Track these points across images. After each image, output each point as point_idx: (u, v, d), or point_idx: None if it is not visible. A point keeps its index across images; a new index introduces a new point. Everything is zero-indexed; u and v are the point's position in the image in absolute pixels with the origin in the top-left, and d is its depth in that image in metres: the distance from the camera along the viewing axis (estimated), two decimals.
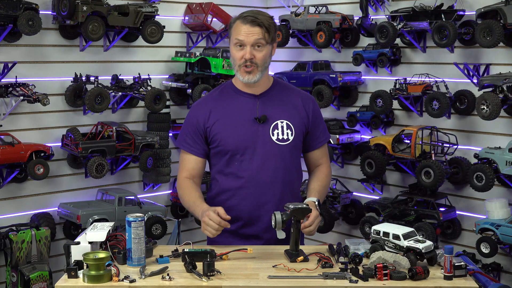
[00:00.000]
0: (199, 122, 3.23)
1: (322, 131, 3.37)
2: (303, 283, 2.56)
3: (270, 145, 3.17)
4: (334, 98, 5.98)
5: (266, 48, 3.14)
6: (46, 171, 4.99)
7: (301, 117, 3.25)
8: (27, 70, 5.09)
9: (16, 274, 4.79)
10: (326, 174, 3.41)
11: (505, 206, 4.85)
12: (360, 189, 6.11)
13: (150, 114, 5.79)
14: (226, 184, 3.22)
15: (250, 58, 3.10)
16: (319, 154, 3.39)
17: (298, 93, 3.35)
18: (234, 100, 3.23)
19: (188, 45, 6.11)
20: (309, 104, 3.31)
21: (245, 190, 3.17)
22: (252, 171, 3.16)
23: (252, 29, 3.09)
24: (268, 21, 3.13)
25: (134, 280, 2.53)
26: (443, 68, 5.39)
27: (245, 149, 3.16)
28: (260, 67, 3.14)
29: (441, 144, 5.25)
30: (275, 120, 3.19)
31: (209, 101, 3.28)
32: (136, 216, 2.73)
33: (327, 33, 5.78)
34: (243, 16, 3.13)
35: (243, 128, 3.17)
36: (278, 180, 3.18)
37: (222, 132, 3.18)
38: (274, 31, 3.17)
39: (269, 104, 3.22)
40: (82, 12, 4.99)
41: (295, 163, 3.27)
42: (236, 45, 3.12)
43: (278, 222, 2.81)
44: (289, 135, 3.20)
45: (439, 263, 2.69)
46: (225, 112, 3.21)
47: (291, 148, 3.21)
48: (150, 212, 5.43)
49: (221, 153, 3.21)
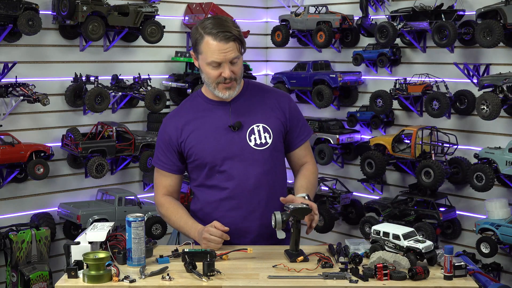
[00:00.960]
0: (171, 139, 3.10)
1: (302, 128, 3.21)
2: (303, 283, 2.55)
3: (248, 151, 3.04)
4: (334, 98, 5.98)
5: (241, 59, 3.00)
6: (46, 171, 4.99)
7: (278, 117, 3.11)
8: (27, 70, 5.09)
9: (16, 274, 4.79)
10: (311, 171, 3.25)
11: (505, 206, 4.86)
12: (360, 189, 6.11)
13: (150, 114, 5.80)
14: (209, 196, 3.11)
15: (230, 76, 2.95)
16: (301, 152, 3.24)
17: (272, 92, 3.21)
18: (206, 110, 3.09)
19: (188, 45, 6.10)
20: (284, 103, 3.16)
21: (229, 200, 3.06)
22: (235, 181, 3.03)
23: (227, 46, 2.91)
24: (237, 30, 2.95)
25: (134, 280, 2.53)
26: (443, 68, 5.39)
27: (224, 160, 3.03)
28: (238, 79, 3.02)
29: (441, 144, 5.25)
30: (251, 125, 3.06)
31: (180, 115, 3.14)
32: (136, 216, 2.73)
33: (327, 33, 5.78)
34: (213, 33, 2.90)
35: (218, 138, 3.03)
36: (262, 186, 3.05)
37: (197, 145, 3.06)
38: (243, 36, 3.00)
39: (242, 109, 3.08)
40: (82, 12, 4.99)
41: (277, 166, 3.14)
42: (210, 64, 2.95)
43: (278, 222, 2.81)
44: (267, 138, 3.07)
45: (439, 263, 2.69)
46: (198, 124, 3.07)
47: (271, 151, 3.08)
48: (150, 212, 5.43)
49: (199, 167, 3.09)
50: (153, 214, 5.44)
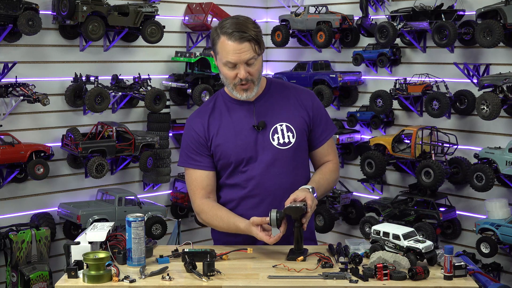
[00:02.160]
0: (199, 135, 3.06)
1: (325, 126, 3.16)
2: (303, 283, 2.55)
3: (271, 151, 3.02)
4: (334, 98, 5.98)
5: (259, 59, 2.96)
6: (46, 171, 4.99)
7: (301, 116, 3.09)
8: (27, 70, 5.09)
9: (16, 274, 4.79)
10: (330, 169, 3.18)
11: (505, 206, 4.86)
12: (360, 189, 6.11)
13: (150, 114, 5.80)
14: (230, 194, 3.09)
15: (246, 77, 2.92)
16: (324, 151, 3.19)
17: (295, 90, 3.16)
18: (229, 110, 3.07)
19: (188, 45, 6.11)
20: (307, 100, 3.13)
21: (250, 199, 3.06)
22: (256, 180, 3.02)
23: (242, 46, 2.87)
24: (255, 30, 2.90)
25: (134, 280, 2.53)
26: (443, 68, 5.39)
27: (248, 159, 3.03)
28: (256, 81, 2.98)
29: (441, 144, 5.25)
30: (274, 124, 3.04)
31: (204, 114, 3.10)
32: (136, 216, 2.73)
33: (327, 33, 5.78)
34: (228, 33, 2.87)
35: (242, 138, 3.02)
36: (284, 186, 3.03)
37: (222, 145, 3.04)
38: (261, 36, 2.96)
39: (265, 109, 3.06)
40: (82, 12, 4.99)
41: (300, 166, 3.11)
42: (226, 65, 2.92)
43: (272, 220, 2.81)
44: (290, 138, 3.05)
45: (439, 263, 2.69)
46: (223, 124, 3.05)
47: (294, 151, 3.06)
48: (150, 212, 5.43)
49: (223, 166, 3.08)
50: (153, 214, 5.44)
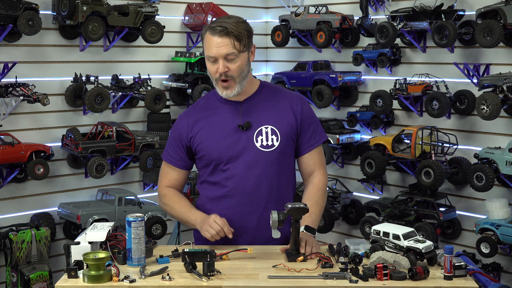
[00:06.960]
0: (181, 134, 3.12)
1: (313, 133, 3.13)
2: (303, 283, 2.55)
3: (254, 152, 3.01)
4: (334, 98, 5.98)
5: (241, 57, 2.96)
6: (46, 171, 4.99)
7: (289, 121, 3.06)
8: (27, 70, 5.09)
9: (16, 274, 4.79)
10: (317, 187, 3.15)
11: (505, 206, 4.86)
12: (360, 189, 6.11)
13: (150, 114, 5.80)
14: (210, 193, 3.12)
15: (224, 71, 2.93)
16: (311, 159, 3.15)
17: (286, 95, 3.15)
18: (218, 108, 3.09)
19: (188, 45, 6.11)
20: (297, 106, 3.10)
21: (229, 199, 3.06)
22: (236, 179, 3.02)
23: (221, 41, 2.90)
24: (237, 27, 2.92)
25: (134, 280, 2.52)
26: (443, 68, 5.39)
27: (229, 158, 3.03)
28: (237, 79, 2.97)
29: (441, 144, 5.25)
30: (259, 126, 3.03)
31: (194, 111, 3.15)
32: (136, 216, 2.73)
33: (327, 33, 5.78)
34: (211, 27, 2.93)
35: (226, 136, 3.03)
36: (263, 189, 3.02)
37: (205, 142, 3.07)
38: (247, 36, 2.98)
39: (253, 110, 3.06)
40: (82, 12, 4.99)
41: (284, 170, 3.08)
42: (208, 59, 2.96)
43: (273, 222, 2.80)
44: (274, 141, 3.03)
45: (439, 263, 2.69)
46: (209, 121, 3.08)
47: (278, 155, 3.03)
48: (150, 212, 5.43)
49: (206, 163, 3.10)
50: (153, 214, 5.44)
